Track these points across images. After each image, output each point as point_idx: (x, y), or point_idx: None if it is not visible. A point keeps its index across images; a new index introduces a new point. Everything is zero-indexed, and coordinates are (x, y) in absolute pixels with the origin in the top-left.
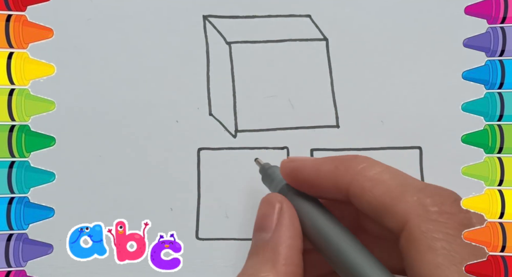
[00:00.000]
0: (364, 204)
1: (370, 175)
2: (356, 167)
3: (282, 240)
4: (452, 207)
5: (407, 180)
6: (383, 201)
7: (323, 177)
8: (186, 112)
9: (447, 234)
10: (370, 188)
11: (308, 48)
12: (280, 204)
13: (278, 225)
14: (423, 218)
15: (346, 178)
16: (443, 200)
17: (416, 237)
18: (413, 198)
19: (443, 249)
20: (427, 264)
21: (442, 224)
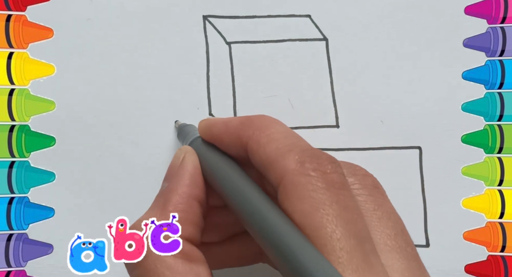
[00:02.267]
0: (256, 159)
1: (268, 133)
2: (258, 123)
3: (175, 188)
4: (327, 167)
5: (298, 142)
6: (270, 157)
7: (230, 132)
8: (186, 112)
9: (316, 186)
10: (264, 144)
11: (308, 48)
12: (183, 154)
13: (176, 174)
14: (298, 173)
15: (248, 133)
16: (320, 161)
17: (289, 189)
18: (295, 156)
19: (309, 198)
20: (295, 212)
21: (313, 178)
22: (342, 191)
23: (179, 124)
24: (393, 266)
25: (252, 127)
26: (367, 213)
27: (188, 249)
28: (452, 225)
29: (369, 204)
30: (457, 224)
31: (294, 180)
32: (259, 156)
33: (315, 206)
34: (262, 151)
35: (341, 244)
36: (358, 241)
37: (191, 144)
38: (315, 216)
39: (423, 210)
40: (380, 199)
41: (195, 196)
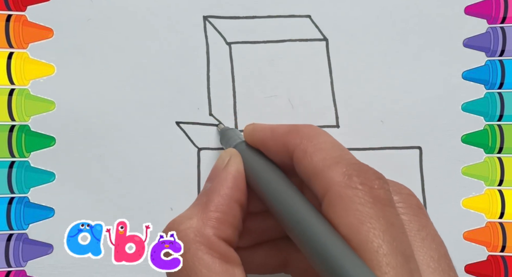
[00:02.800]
0: (302, 168)
1: (315, 142)
2: (307, 132)
3: (218, 189)
4: (374, 182)
5: (345, 155)
6: (317, 167)
7: (277, 139)
8: (186, 112)
9: (362, 199)
10: (311, 153)
11: (308, 48)
12: (229, 157)
13: (220, 175)
14: (345, 185)
15: (295, 141)
16: (367, 175)
17: (335, 201)
18: (342, 169)
19: (356, 211)
20: (341, 225)
21: (361, 191)
22: (389, 208)
23: (222, 127)
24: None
25: (299, 136)
26: (411, 233)
27: (226, 250)
28: (452, 225)
29: (413, 224)
30: (457, 224)
31: (341, 192)
32: (305, 165)
33: (362, 219)
34: (309, 161)
35: (388, 260)
36: (404, 259)
37: (235, 147)
38: (361, 229)
39: None
40: (424, 220)
41: (237, 199)
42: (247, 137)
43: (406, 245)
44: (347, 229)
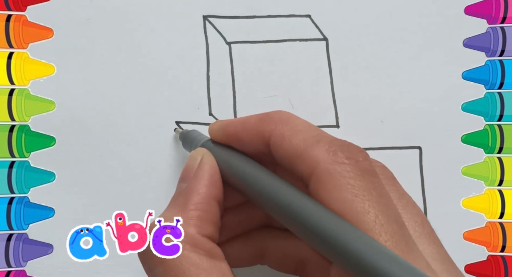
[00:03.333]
0: (282, 151)
1: (291, 125)
2: (279, 117)
3: (195, 188)
4: (358, 155)
5: (324, 133)
6: (298, 148)
7: (249, 129)
8: (186, 112)
9: (352, 173)
10: (289, 136)
11: (308, 48)
12: (201, 156)
13: (195, 175)
14: (332, 161)
15: (269, 127)
16: (350, 150)
17: (324, 178)
18: (325, 146)
19: (347, 185)
20: (334, 200)
21: (348, 165)
22: (376, 179)
23: (180, 131)
24: (425, 250)
25: (273, 122)
26: (394, 201)
27: (210, 246)
28: (452, 225)
29: (393, 194)
30: (457, 224)
31: (328, 168)
32: (284, 149)
33: (355, 192)
34: (288, 144)
35: (386, 229)
36: (399, 226)
37: (203, 146)
38: (356, 202)
39: (423, 210)
40: (401, 189)
41: (215, 196)
42: (214, 134)
43: (397, 213)
44: (341, 203)
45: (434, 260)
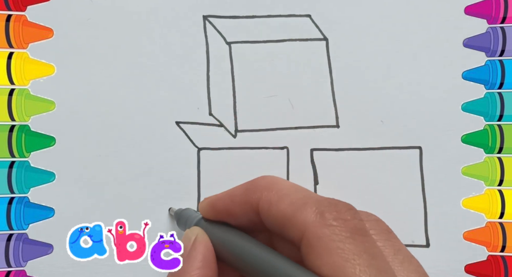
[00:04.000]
0: (271, 218)
1: (277, 190)
2: (264, 184)
3: (188, 270)
4: (346, 214)
5: (310, 194)
6: (286, 213)
7: (237, 201)
8: (186, 112)
9: (341, 236)
10: (276, 201)
11: (308, 48)
12: (195, 235)
13: (188, 255)
14: (320, 224)
15: (256, 195)
16: (338, 209)
17: (314, 242)
18: (312, 208)
19: (337, 249)
20: (324, 265)
21: (337, 227)
22: (366, 238)
23: (174, 210)
24: None
25: (259, 189)
26: (389, 258)
27: None
28: (452, 225)
29: (388, 249)
30: (457, 224)
31: (317, 232)
32: (273, 215)
33: (345, 257)
34: (275, 209)
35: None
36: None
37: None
38: (347, 267)
39: (423, 210)
40: (397, 244)
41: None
42: (205, 212)
43: (391, 274)
44: (331, 268)
45: None
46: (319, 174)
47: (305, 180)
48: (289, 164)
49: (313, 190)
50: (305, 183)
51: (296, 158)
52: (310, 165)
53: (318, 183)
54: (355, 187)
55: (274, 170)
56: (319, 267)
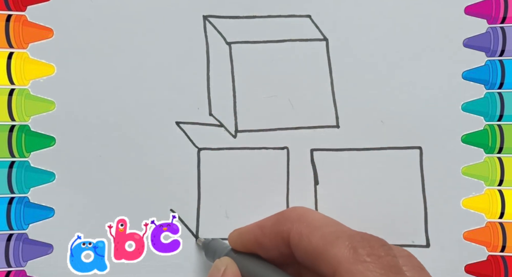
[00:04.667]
0: (302, 250)
1: (308, 222)
2: (295, 216)
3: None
4: (380, 250)
5: (342, 228)
6: (318, 247)
7: (267, 233)
8: (186, 112)
9: (375, 273)
10: (307, 234)
11: (308, 48)
12: (225, 266)
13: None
14: (353, 261)
15: (287, 227)
16: (371, 244)
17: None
18: (345, 243)
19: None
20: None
21: (370, 264)
22: (400, 276)
23: (202, 241)
24: None
25: (289, 221)
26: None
27: None
28: (452, 225)
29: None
30: (457, 224)
31: (351, 268)
32: (304, 247)
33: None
34: (307, 242)
35: None
36: None
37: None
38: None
39: (423, 210)
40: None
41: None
42: (234, 243)
43: None
44: None
45: None
46: (319, 174)
47: (305, 180)
48: (289, 164)
49: (313, 191)
50: (305, 183)
51: (296, 158)
52: (310, 165)
53: (318, 183)
54: (355, 187)
55: (274, 170)
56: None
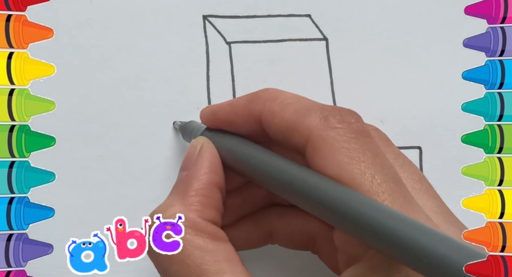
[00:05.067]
0: (274, 127)
1: (280, 100)
2: (268, 95)
3: (195, 175)
4: (350, 117)
5: (313, 102)
6: (290, 120)
7: (239, 111)
8: (186, 112)
9: (345, 137)
10: (280, 110)
11: (308, 48)
12: (201, 144)
13: (195, 162)
14: (324, 127)
15: (259, 106)
16: (342, 113)
17: (319, 144)
18: (316, 113)
19: (342, 148)
20: (330, 165)
21: (341, 129)
22: (370, 139)
23: (179, 123)
24: (424, 205)
25: (261, 100)
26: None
27: (212, 229)
28: None
29: (389, 154)
30: None
31: (322, 134)
32: (276, 124)
33: (350, 155)
34: (279, 118)
35: (383, 188)
36: (396, 184)
37: (202, 135)
38: (352, 164)
39: None
40: (396, 150)
41: (215, 183)
42: (206, 120)
43: (394, 171)
44: (337, 167)
45: (434, 213)
46: None
47: None
48: None
49: None
50: None
51: None
52: None
53: None
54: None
55: None
56: (325, 167)
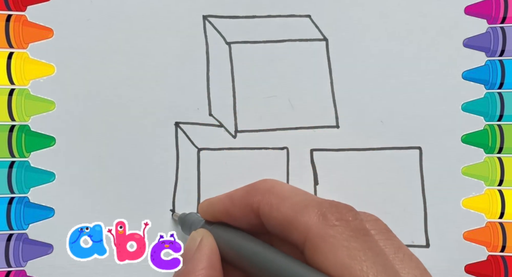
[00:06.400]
0: (272, 221)
1: (277, 193)
2: (265, 187)
3: (193, 270)
4: (348, 215)
5: (310, 196)
6: (288, 216)
7: (237, 204)
8: (186, 112)
9: (345, 235)
10: (277, 204)
11: (308, 48)
12: (201, 237)
13: (193, 257)
14: (323, 226)
15: (257, 198)
16: (339, 210)
17: (318, 243)
18: (314, 210)
19: (342, 247)
20: (331, 264)
21: (339, 227)
22: (369, 238)
23: (178, 215)
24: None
25: (259, 192)
26: (390, 256)
27: None
28: (452, 225)
29: (389, 248)
30: (457, 224)
31: (321, 233)
32: (274, 218)
33: (351, 255)
34: (277, 212)
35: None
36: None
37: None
38: (354, 265)
39: (423, 210)
40: (397, 242)
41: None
42: (205, 214)
43: (395, 270)
44: (339, 266)
45: None
46: (319, 175)
47: (305, 181)
48: (289, 164)
49: (313, 191)
50: (305, 184)
51: (296, 158)
52: (310, 165)
53: (318, 184)
54: (355, 187)
55: (274, 170)
56: (326, 267)
